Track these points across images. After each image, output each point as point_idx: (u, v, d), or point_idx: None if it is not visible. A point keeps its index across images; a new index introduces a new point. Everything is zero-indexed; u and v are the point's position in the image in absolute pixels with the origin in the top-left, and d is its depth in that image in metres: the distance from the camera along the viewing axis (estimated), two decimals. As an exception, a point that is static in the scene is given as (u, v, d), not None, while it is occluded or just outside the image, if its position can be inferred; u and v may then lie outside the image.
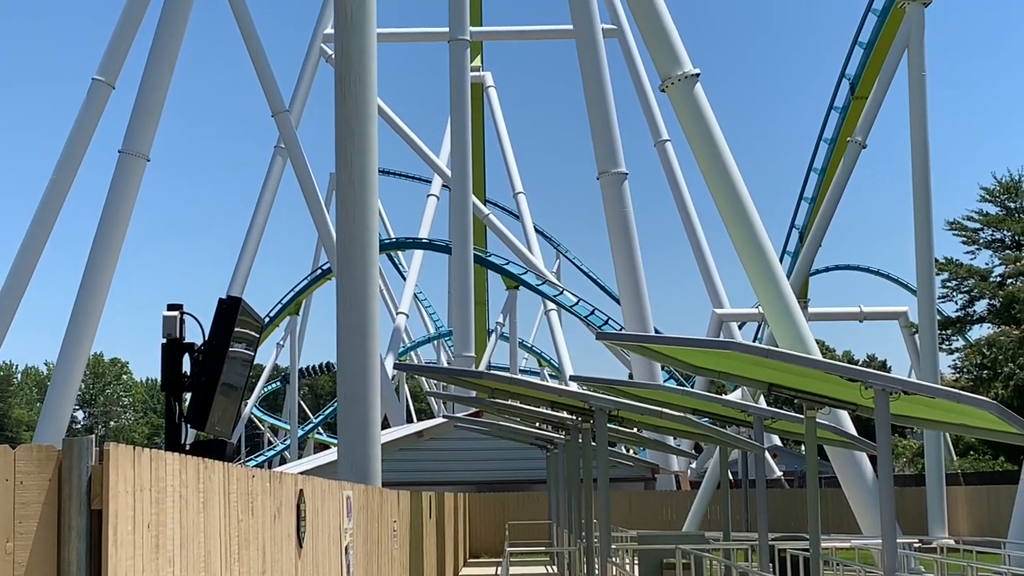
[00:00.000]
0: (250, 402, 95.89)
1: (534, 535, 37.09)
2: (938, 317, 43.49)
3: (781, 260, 42.50)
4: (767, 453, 43.66)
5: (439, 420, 47.30)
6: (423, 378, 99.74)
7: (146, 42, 44.68)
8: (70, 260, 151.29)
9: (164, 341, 7.95)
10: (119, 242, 43.87)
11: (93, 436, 4.02)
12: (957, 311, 60.48)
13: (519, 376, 51.51)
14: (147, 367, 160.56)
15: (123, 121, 44.35)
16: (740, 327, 58.97)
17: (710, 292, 59.61)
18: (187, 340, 8.03)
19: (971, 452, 65.48)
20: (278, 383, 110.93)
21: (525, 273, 65.91)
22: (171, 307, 7.99)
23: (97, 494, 3.88)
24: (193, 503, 4.82)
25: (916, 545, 29.44)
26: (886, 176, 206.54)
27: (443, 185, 69.66)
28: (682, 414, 17.88)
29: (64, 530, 3.85)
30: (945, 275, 58.97)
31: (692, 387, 46.00)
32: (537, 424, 28.61)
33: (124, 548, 3.99)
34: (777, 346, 26.20)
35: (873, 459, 24.11)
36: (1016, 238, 61.21)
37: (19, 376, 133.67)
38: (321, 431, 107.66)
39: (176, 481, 4.57)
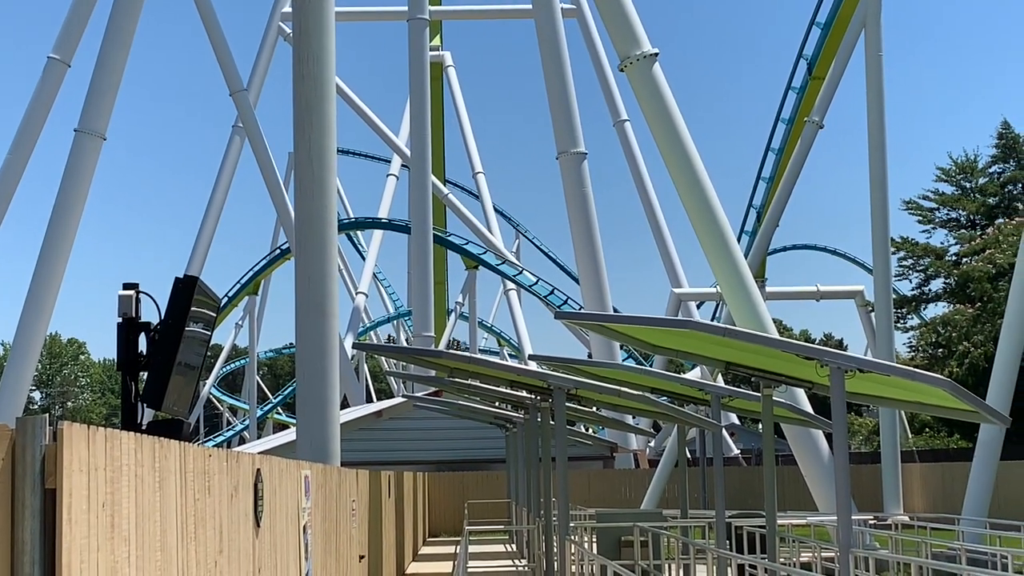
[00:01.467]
0: (208, 382, 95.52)
1: (493, 514, 37.19)
2: (894, 296, 43.84)
3: (739, 240, 42.68)
4: (724, 431, 43.96)
5: (398, 400, 47.29)
6: (382, 358, 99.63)
7: (102, 20, 44.31)
8: (26, 240, 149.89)
9: (120, 320, 7.91)
10: (75, 222, 43.54)
11: (47, 415, 4.01)
12: (913, 290, 61.10)
13: (479, 356, 51.56)
14: (105, 347, 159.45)
15: (79, 100, 44.03)
16: (698, 306, 59.28)
17: (669, 272, 59.80)
18: (143, 320, 8.00)
19: (926, 429, 66.15)
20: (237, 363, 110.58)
21: (485, 253, 65.92)
22: (127, 286, 7.95)
23: (51, 473, 3.87)
24: (149, 482, 4.82)
25: (871, 522, 29.73)
26: (843, 156, 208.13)
27: (402, 165, 69.50)
28: (641, 393, 17.95)
29: (17, 509, 3.84)
30: (901, 254, 59.51)
31: (651, 366, 46.19)
32: (496, 403, 28.67)
33: (79, 527, 3.99)
34: (735, 325, 26.33)
35: (829, 437, 24.33)
36: (971, 217, 61.85)
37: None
38: (280, 411, 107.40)
39: (131, 460, 4.56)
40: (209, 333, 8.81)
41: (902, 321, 60.15)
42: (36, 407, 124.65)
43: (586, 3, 60.58)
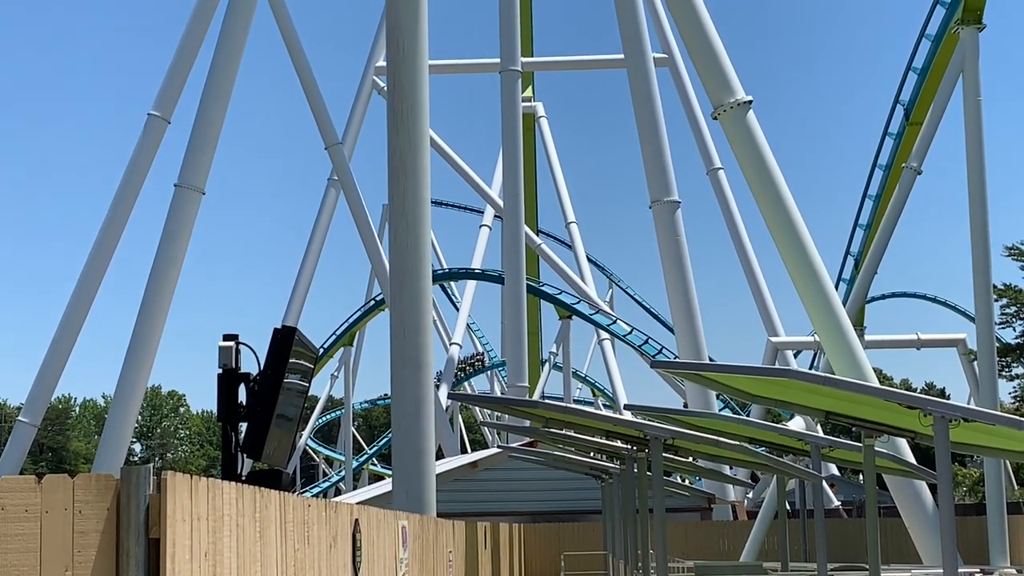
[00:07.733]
0: (305, 433, 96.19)
1: (590, 566, 36.86)
2: (997, 344, 42.91)
3: (836, 287, 42.15)
4: (825, 482, 43.19)
5: (493, 450, 47.19)
6: (477, 408, 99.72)
7: (201, 77, 45.27)
8: (127, 293, 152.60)
9: (220, 371, 7.97)
10: (175, 275, 44.26)
11: (151, 465, 4.02)
12: (1016, 338, 59.69)
13: (573, 405, 51.36)
14: (204, 400, 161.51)
15: (178, 155, 44.91)
16: (795, 355, 58.52)
17: (764, 320, 59.18)
18: (243, 370, 8.05)
19: (1032, 481, 64.53)
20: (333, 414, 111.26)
21: (578, 303, 65.79)
22: (227, 337, 8.02)
23: (155, 523, 3.88)
24: (250, 532, 4.81)
25: (978, 575, 29.01)
26: (943, 201, 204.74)
27: (495, 215, 69.74)
28: (738, 443, 17.73)
29: (122, 559, 3.85)
30: (1004, 301, 58.27)
31: (748, 416, 45.63)
32: (592, 454, 28.45)
33: (182, 577, 3.99)
34: (834, 374, 25.94)
35: (933, 488, 23.81)
36: (1076, 263, 60.30)
37: (77, 409, 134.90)
38: (376, 462, 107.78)
39: (233, 510, 4.56)
40: (307, 384, 8.85)
41: (1006, 370, 58.77)
42: (136, 459, 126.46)
43: (678, 52, 60.54)
